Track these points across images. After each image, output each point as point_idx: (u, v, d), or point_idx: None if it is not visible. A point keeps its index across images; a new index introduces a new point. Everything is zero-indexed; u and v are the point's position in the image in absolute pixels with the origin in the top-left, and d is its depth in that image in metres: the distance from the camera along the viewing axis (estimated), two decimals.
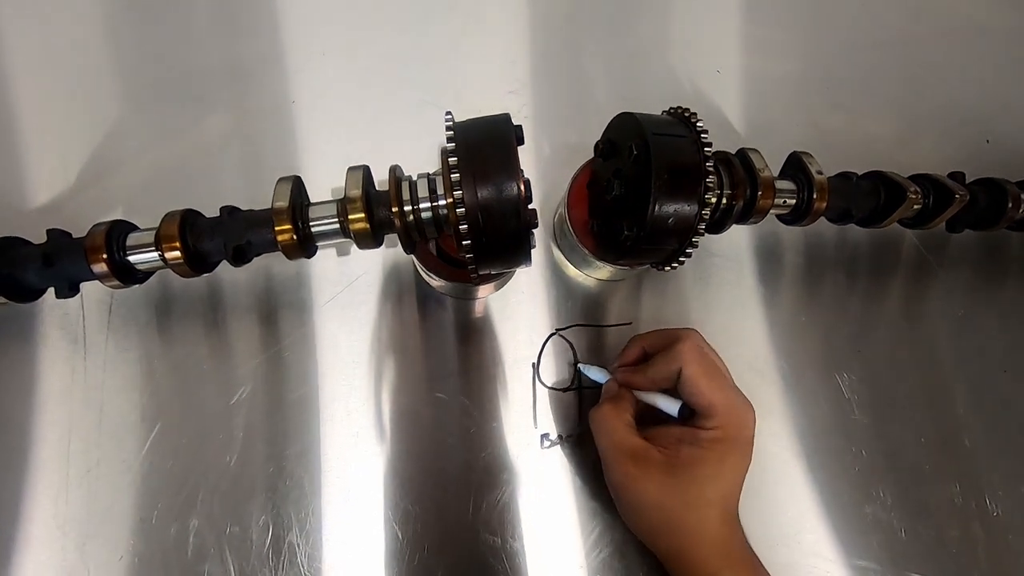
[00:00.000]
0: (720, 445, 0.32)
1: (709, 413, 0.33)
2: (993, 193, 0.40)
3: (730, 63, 0.52)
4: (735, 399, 0.33)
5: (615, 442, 0.34)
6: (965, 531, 0.41)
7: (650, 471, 0.32)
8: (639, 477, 0.32)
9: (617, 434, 0.34)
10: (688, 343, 0.34)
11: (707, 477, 0.32)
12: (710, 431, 0.33)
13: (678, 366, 0.33)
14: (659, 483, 0.32)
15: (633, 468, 0.32)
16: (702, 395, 0.33)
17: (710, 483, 0.32)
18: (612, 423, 0.34)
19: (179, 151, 0.45)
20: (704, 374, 0.33)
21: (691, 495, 0.32)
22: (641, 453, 0.33)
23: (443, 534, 0.38)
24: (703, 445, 0.32)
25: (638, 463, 0.33)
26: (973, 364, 0.45)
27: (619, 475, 0.33)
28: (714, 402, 0.33)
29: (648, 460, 0.33)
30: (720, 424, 0.32)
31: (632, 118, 0.32)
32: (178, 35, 0.48)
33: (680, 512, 0.32)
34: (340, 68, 0.48)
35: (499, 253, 0.30)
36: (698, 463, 0.32)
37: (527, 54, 0.50)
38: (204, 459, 0.38)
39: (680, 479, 0.32)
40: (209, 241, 0.32)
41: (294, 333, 0.41)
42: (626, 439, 0.33)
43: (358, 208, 0.31)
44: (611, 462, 0.34)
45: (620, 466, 0.33)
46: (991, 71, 0.54)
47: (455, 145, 0.29)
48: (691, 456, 0.32)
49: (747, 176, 0.34)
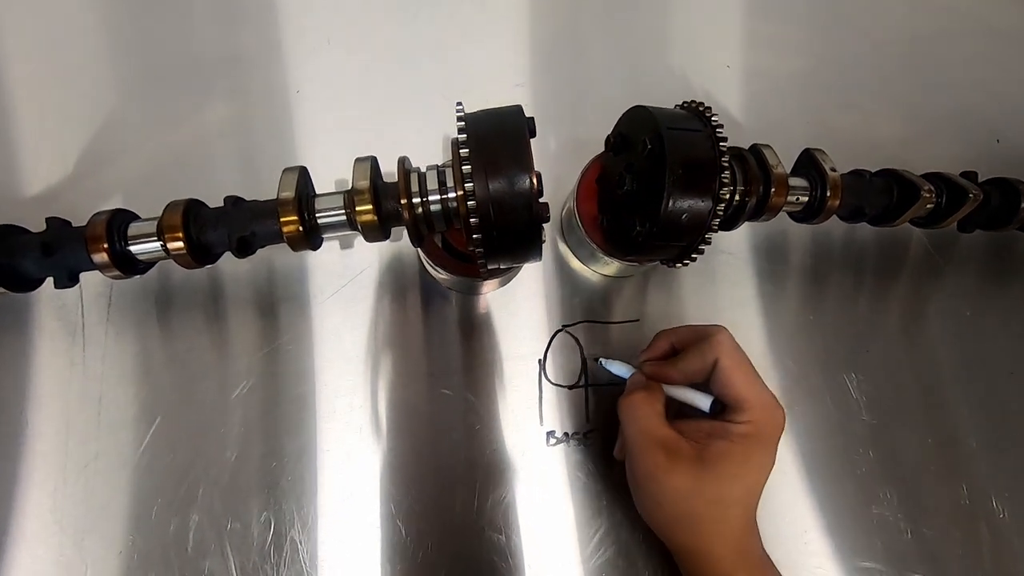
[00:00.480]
0: (749, 441, 0.32)
1: (742, 407, 0.32)
2: (1006, 193, 0.40)
3: (739, 59, 0.52)
4: (768, 396, 0.33)
5: (647, 430, 0.33)
6: (971, 533, 0.41)
7: (679, 463, 0.32)
8: (668, 468, 0.32)
9: (650, 422, 0.33)
10: (723, 335, 0.33)
11: (734, 473, 0.32)
12: (741, 425, 0.32)
13: (713, 357, 0.33)
14: (686, 476, 0.31)
15: (663, 458, 0.32)
16: (736, 388, 0.32)
17: (737, 480, 0.32)
18: (644, 411, 0.33)
19: (179, 140, 0.44)
20: (739, 368, 0.33)
21: (717, 490, 0.31)
22: (672, 444, 0.32)
23: (446, 531, 0.37)
24: (733, 440, 0.32)
25: (668, 454, 0.32)
26: (980, 365, 0.45)
27: (648, 464, 0.32)
28: (748, 396, 0.32)
29: (679, 451, 0.32)
30: (752, 419, 0.32)
31: (646, 112, 0.32)
32: (179, 22, 0.47)
33: (703, 507, 0.31)
34: (345, 57, 0.47)
35: (509, 247, 0.30)
36: (727, 458, 0.32)
37: (534, 47, 0.50)
38: (204, 454, 0.37)
39: (708, 473, 0.31)
40: (213, 232, 0.31)
41: (296, 327, 0.41)
42: (658, 428, 0.33)
43: (366, 200, 0.30)
44: (641, 451, 0.33)
45: (650, 455, 0.32)
46: (1001, 71, 0.54)
47: (467, 136, 0.28)
48: (721, 451, 0.32)
49: (761, 172, 0.34)
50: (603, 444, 0.40)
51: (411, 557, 0.37)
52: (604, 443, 0.40)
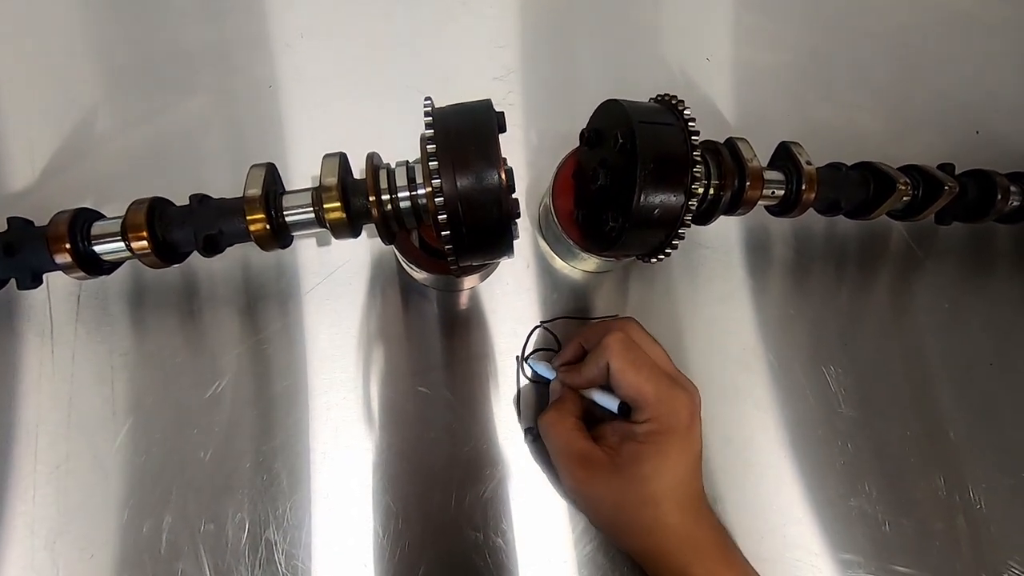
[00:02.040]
0: (657, 437, 0.31)
1: (639, 406, 0.32)
2: (983, 185, 0.40)
3: (722, 52, 0.51)
4: (664, 389, 0.32)
5: (561, 448, 0.33)
6: (949, 524, 0.41)
7: (597, 473, 0.32)
8: (588, 481, 0.32)
9: (562, 439, 0.33)
10: (614, 336, 0.33)
11: (651, 472, 0.31)
12: (644, 424, 0.32)
13: (605, 361, 0.33)
14: (608, 484, 0.31)
15: (581, 472, 0.32)
16: (630, 387, 0.32)
17: (655, 478, 0.31)
18: (557, 429, 0.34)
19: (152, 137, 0.43)
20: (630, 366, 0.32)
21: (640, 492, 0.31)
22: (587, 456, 0.32)
23: (425, 530, 0.37)
24: (640, 440, 0.32)
25: (585, 467, 0.32)
26: (959, 357, 0.45)
27: (569, 480, 0.33)
28: (642, 394, 0.32)
29: (594, 462, 0.32)
30: (652, 415, 0.32)
31: (618, 105, 0.31)
32: (150, 18, 0.46)
33: (635, 511, 0.31)
34: (320, 52, 0.46)
35: (480, 244, 0.29)
36: (639, 459, 0.31)
37: (515, 40, 0.49)
38: (178, 454, 0.36)
39: (625, 477, 0.31)
40: (179, 230, 0.31)
41: (273, 325, 0.40)
42: (572, 444, 0.33)
43: (334, 197, 0.30)
44: (561, 468, 0.33)
45: (569, 472, 0.33)
46: (981, 62, 0.54)
47: (434, 132, 0.28)
48: (632, 453, 0.32)
49: (735, 166, 0.33)
50: None
51: (389, 556, 0.36)
52: None
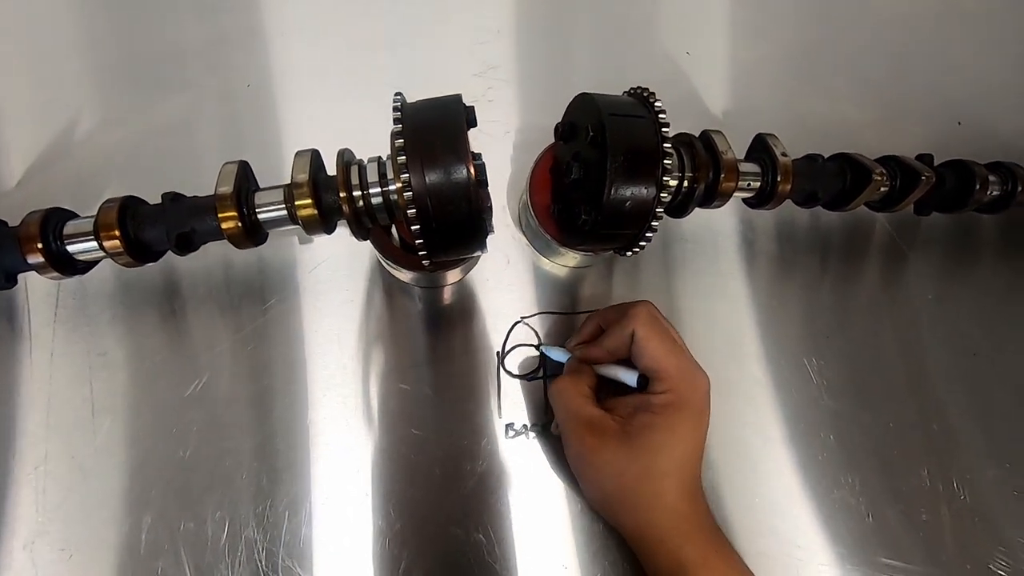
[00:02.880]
0: (671, 410, 0.32)
1: (660, 376, 0.33)
2: (961, 175, 0.40)
3: (705, 45, 0.51)
4: (686, 364, 0.33)
5: (572, 413, 0.34)
6: (933, 515, 0.41)
7: (606, 440, 0.32)
8: (596, 447, 0.32)
9: (574, 404, 0.34)
10: (640, 307, 0.34)
11: (660, 444, 0.32)
12: (661, 395, 0.32)
13: (630, 329, 0.33)
14: (615, 452, 0.32)
15: (590, 438, 0.32)
16: (653, 358, 0.33)
17: (664, 451, 0.32)
18: (569, 393, 0.34)
19: (133, 136, 0.43)
20: (655, 337, 0.33)
21: (646, 464, 0.31)
22: (598, 423, 0.33)
23: (406, 527, 0.37)
24: (655, 411, 0.32)
25: (595, 433, 0.32)
26: (943, 348, 0.45)
27: (577, 445, 0.33)
28: (664, 365, 0.32)
29: (604, 429, 0.33)
30: (671, 387, 0.32)
31: (590, 99, 0.31)
32: (134, 15, 0.46)
33: (637, 483, 0.32)
34: (300, 50, 0.46)
35: (451, 239, 0.29)
36: (651, 429, 0.32)
37: (495, 36, 0.49)
38: (158, 453, 0.36)
39: (634, 447, 0.32)
40: (151, 229, 0.31)
41: (253, 323, 0.40)
42: (583, 409, 0.33)
43: (305, 194, 0.30)
44: (569, 433, 0.34)
45: (577, 437, 0.33)
46: (963, 53, 0.54)
47: (402, 127, 0.28)
48: (644, 423, 0.32)
49: (709, 158, 0.33)
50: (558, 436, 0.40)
51: (370, 552, 0.36)
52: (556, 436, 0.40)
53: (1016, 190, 0.41)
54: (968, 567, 0.40)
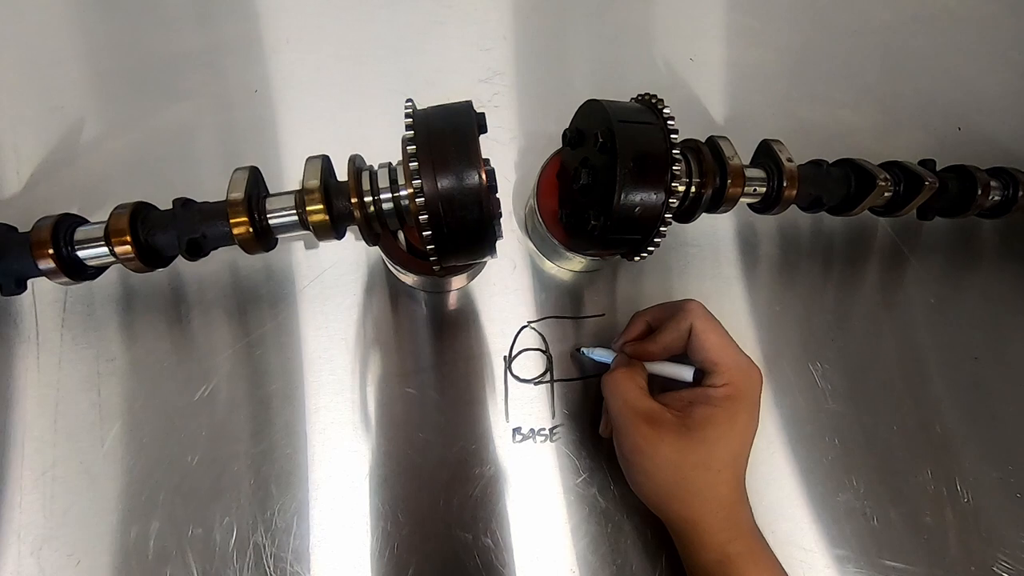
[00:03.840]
0: (730, 403, 0.32)
1: (719, 370, 0.33)
2: (963, 180, 0.40)
3: (708, 51, 0.52)
4: (743, 357, 0.34)
5: (629, 404, 0.33)
6: (937, 517, 0.41)
7: (664, 432, 0.32)
8: (653, 439, 0.32)
9: (631, 395, 0.33)
10: (693, 304, 0.35)
11: (719, 437, 0.32)
12: (721, 388, 0.33)
13: (688, 325, 0.34)
14: (672, 444, 0.32)
15: (648, 429, 0.32)
16: (713, 351, 0.33)
17: (722, 443, 0.32)
18: (626, 385, 0.34)
19: (139, 142, 0.43)
20: (713, 331, 0.33)
21: (704, 455, 0.32)
22: (655, 415, 0.33)
23: (414, 531, 0.37)
24: (714, 403, 0.32)
25: (652, 425, 0.32)
26: (945, 351, 0.45)
27: (634, 437, 0.33)
28: (723, 357, 0.33)
29: (662, 421, 0.32)
30: (730, 380, 0.33)
31: (599, 105, 0.32)
32: (138, 23, 0.47)
33: (693, 474, 0.32)
34: (306, 56, 0.47)
35: (462, 244, 0.30)
36: (710, 422, 0.32)
37: (500, 42, 0.49)
38: (166, 459, 0.36)
39: (693, 439, 0.32)
40: (162, 235, 0.31)
41: (260, 328, 0.40)
42: (640, 401, 0.33)
43: (316, 199, 0.30)
44: (625, 425, 0.33)
45: (635, 428, 0.33)
46: (963, 59, 0.54)
47: (414, 133, 0.28)
48: (704, 415, 0.32)
49: (716, 164, 0.34)
50: (569, 439, 0.40)
51: (378, 557, 0.36)
52: (570, 438, 0.40)
53: (1017, 195, 0.41)
54: (972, 569, 0.40)
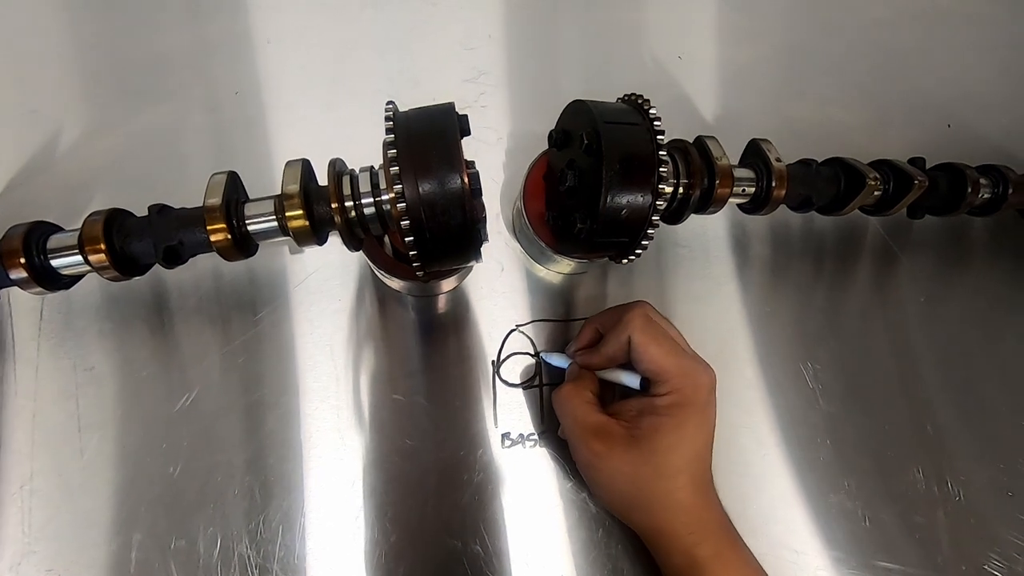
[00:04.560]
0: (677, 410, 0.32)
1: (661, 378, 0.33)
2: (953, 178, 0.40)
3: (696, 50, 0.51)
4: (686, 362, 0.33)
5: (578, 420, 0.34)
6: (929, 517, 0.41)
7: (614, 446, 0.32)
8: (604, 453, 0.32)
9: (579, 412, 0.34)
10: (634, 312, 0.34)
11: (669, 446, 0.32)
12: (665, 396, 0.33)
13: (626, 336, 0.33)
14: (622, 457, 0.32)
15: (597, 445, 0.32)
16: (652, 361, 0.33)
17: (673, 451, 0.32)
18: (573, 402, 0.34)
19: (116, 147, 0.42)
20: (652, 340, 0.33)
21: (656, 465, 0.32)
22: (604, 429, 0.33)
23: (402, 538, 0.37)
24: (660, 412, 0.32)
25: (602, 439, 0.32)
26: (935, 350, 0.45)
27: (585, 453, 0.33)
28: (664, 367, 0.32)
29: (611, 435, 0.33)
30: (673, 388, 0.32)
31: (584, 106, 0.31)
32: (115, 24, 0.46)
33: (649, 484, 0.32)
34: (289, 57, 0.46)
35: (445, 249, 0.29)
36: (658, 432, 0.32)
37: (485, 41, 0.49)
38: (147, 470, 0.36)
39: (643, 450, 0.32)
40: (138, 243, 0.30)
41: (243, 335, 0.39)
42: (588, 416, 0.33)
43: (296, 205, 0.29)
44: (576, 441, 0.34)
45: (585, 444, 0.33)
46: (953, 56, 0.54)
47: (395, 137, 0.27)
48: (651, 425, 0.32)
49: (704, 165, 0.33)
50: (558, 443, 0.39)
51: (366, 566, 0.36)
52: (559, 442, 0.39)
53: (1007, 192, 0.41)
54: (963, 568, 0.40)
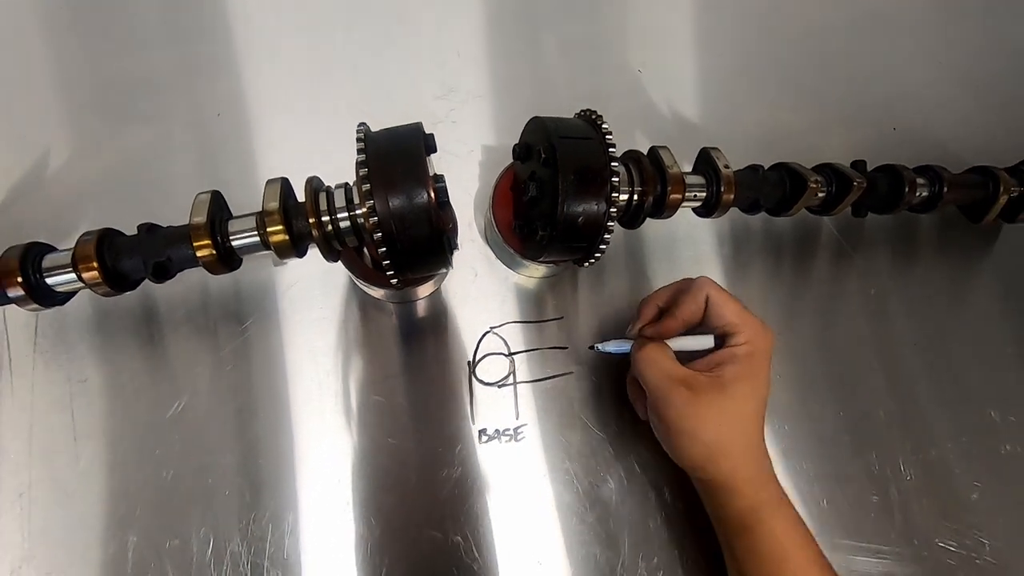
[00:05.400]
0: (753, 359, 0.35)
1: (739, 330, 0.35)
2: (892, 179, 0.43)
3: (656, 61, 0.54)
4: (756, 318, 0.36)
5: (667, 373, 0.35)
6: (882, 497, 0.44)
7: (703, 394, 0.34)
8: (694, 401, 0.34)
9: (667, 364, 0.36)
10: (703, 278, 0.37)
11: (750, 390, 0.35)
12: (743, 346, 0.35)
13: (704, 296, 0.36)
14: (712, 403, 0.34)
15: (688, 393, 0.34)
16: (732, 313, 0.36)
17: (752, 396, 0.35)
18: (658, 356, 0.36)
19: (103, 168, 0.44)
20: (728, 297, 0.36)
21: (740, 409, 0.34)
22: (692, 379, 0.35)
23: (386, 533, 0.39)
24: (741, 361, 0.35)
25: (691, 388, 0.34)
26: (886, 340, 0.48)
27: (677, 402, 0.34)
28: (743, 319, 0.36)
29: (699, 384, 0.34)
30: (749, 338, 0.35)
31: (542, 122, 0.34)
32: (99, 47, 0.48)
33: (732, 428, 0.34)
34: (265, 77, 0.48)
35: (416, 258, 0.31)
36: (741, 378, 0.34)
37: (455, 59, 0.51)
38: (141, 475, 0.38)
39: (728, 395, 0.34)
40: (128, 260, 0.32)
41: (231, 344, 0.41)
42: (676, 369, 0.35)
43: (276, 220, 0.31)
44: (667, 393, 0.35)
45: (676, 394, 0.34)
46: (898, 61, 0.57)
47: (365, 157, 0.30)
48: (734, 373, 0.35)
49: (656, 173, 0.36)
50: (533, 438, 0.42)
51: (353, 560, 0.38)
52: (534, 437, 0.42)
53: (943, 191, 0.44)
54: (915, 543, 0.43)
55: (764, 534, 0.34)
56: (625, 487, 0.41)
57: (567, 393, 0.43)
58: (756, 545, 0.34)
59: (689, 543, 0.40)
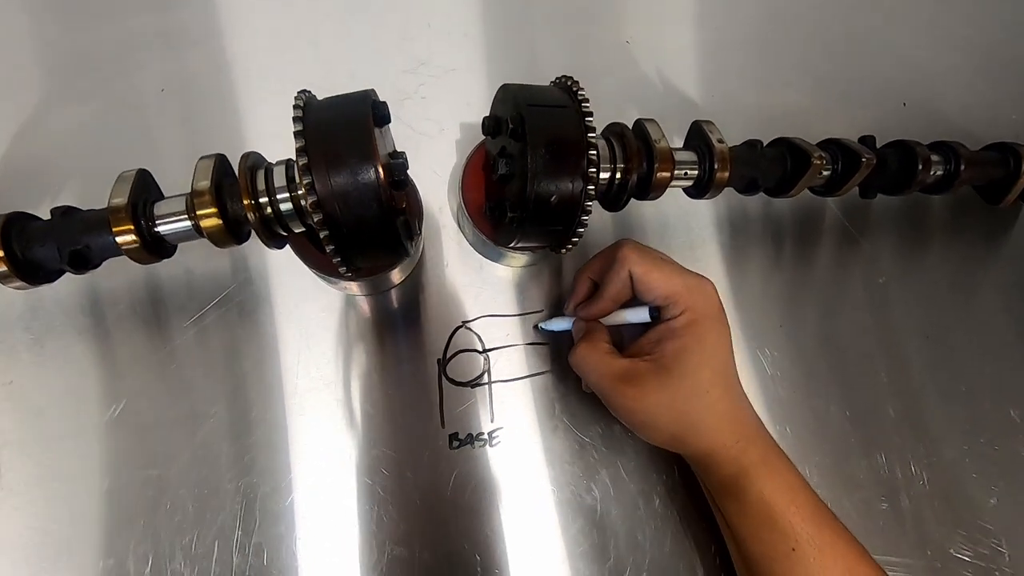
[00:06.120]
0: (695, 326, 0.32)
1: (671, 300, 0.33)
2: (903, 156, 0.39)
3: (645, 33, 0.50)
4: (690, 279, 0.33)
5: (602, 372, 0.33)
6: (892, 503, 0.40)
7: (646, 383, 0.32)
8: (640, 395, 0.32)
9: (601, 365, 0.33)
10: (625, 247, 0.34)
11: (698, 363, 0.32)
12: (680, 317, 0.33)
13: (626, 272, 0.33)
14: (658, 390, 0.32)
15: (630, 389, 0.32)
16: (658, 286, 0.33)
17: (703, 366, 0.32)
18: (592, 357, 0.34)
19: (34, 149, 0.40)
20: (652, 267, 0.33)
21: (691, 386, 0.32)
22: (630, 371, 0.33)
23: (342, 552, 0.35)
24: (680, 334, 0.32)
25: (631, 382, 0.32)
26: (895, 332, 0.44)
27: (621, 400, 0.33)
28: (672, 288, 0.33)
29: (639, 374, 0.32)
30: (686, 306, 0.32)
31: (509, 90, 0.30)
32: (35, 21, 0.44)
33: (689, 406, 0.32)
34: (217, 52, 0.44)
35: (365, 244, 0.28)
36: (683, 352, 0.32)
37: (424, 31, 0.47)
38: (70, 487, 0.34)
39: (674, 375, 0.32)
40: (40, 248, 0.28)
41: (180, 339, 0.38)
42: (611, 365, 0.33)
43: (207, 202, 0.28)
44: (608, 393, 0.33)
45: (618, 393, 0.33)
46: (907, 34, 0.53)
47: (303, 127, 0.26)
48: (673, 349, 0.32)
49: (642, 148, 0.32)
50: (509, 442, 0.38)
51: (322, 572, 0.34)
52: (510, 441, 0.38)
53: (959, 169, 0.40)
54: (928, 553, 0.39)
55: (752, 498, 0.32)
56: (611, 496, 0.38)
57: (547, 393, 0.40)
58: (745, 508, 0.32)
59: (685, 562, 0.37)
